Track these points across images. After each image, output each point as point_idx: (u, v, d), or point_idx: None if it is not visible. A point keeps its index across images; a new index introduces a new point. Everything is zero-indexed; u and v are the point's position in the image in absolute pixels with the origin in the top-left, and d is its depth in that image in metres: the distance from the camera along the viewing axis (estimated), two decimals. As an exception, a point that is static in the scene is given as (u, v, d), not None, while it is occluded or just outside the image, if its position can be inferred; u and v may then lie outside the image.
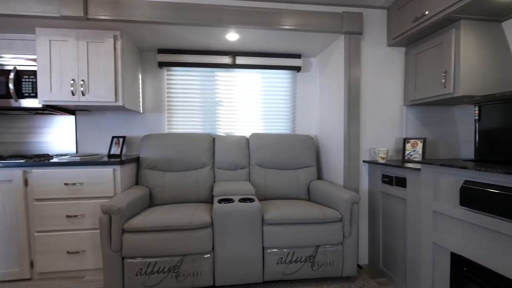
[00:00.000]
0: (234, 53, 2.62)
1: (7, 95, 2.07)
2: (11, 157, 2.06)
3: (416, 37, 2.06)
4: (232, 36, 2.26)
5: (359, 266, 2.21)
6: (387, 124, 2.29)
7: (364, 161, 2.25)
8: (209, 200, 2.32)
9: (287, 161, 2.49)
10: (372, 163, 2.17)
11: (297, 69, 2.72)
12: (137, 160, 2.34)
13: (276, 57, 2.67)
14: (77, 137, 2.52)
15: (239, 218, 1.75)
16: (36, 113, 2.37)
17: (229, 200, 1.84)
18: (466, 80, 1.73)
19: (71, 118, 2.50)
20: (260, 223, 1.79)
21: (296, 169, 2.51)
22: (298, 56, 2.72)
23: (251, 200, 1.86)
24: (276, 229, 1.81)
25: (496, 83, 1.77)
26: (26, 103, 2.10)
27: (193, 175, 2.34)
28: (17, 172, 1.85)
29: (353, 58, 2.20)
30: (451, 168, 1.44)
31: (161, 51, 2.54)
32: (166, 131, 2.67)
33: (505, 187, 1.18)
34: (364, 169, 2.27)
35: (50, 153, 2.47)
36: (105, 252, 1.65)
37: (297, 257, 1.83)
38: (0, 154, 2.35)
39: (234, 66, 2.62)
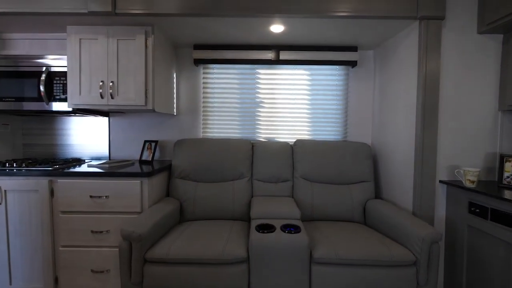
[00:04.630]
0: (277, 47, 2.25)
1: (39, 98, 1.97)
2: (43, 161, 1.97)
3: (528, 19, 1.51)
4: (276, 28, 1.91)
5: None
6: (474, 135, 1.77)
7: (440, 181, 1.76)
8: (245, 218, 2.02)
9: (338, 174, 2.08)
10: (453, 185, 1.67)
11: (352, 64, 2.27)
12: (169, 167, 2.13)
13: (326, 50, 2.25)
14: (110, 139, 2.39)
15: (282, 253, 1.41)
16: (70, 115, 2.27)
17: (270, 228, 1.51)
18: None
19: (105, 120, 2.37)
20: (308, 261, 1.43)
21: (349, 184, 2.09)
22: (354, 48, 2.26)
23: (296, 228, 1.51)
24: (328, 270, 1.43)
25: None
26: (57, 106, 1.98)
27: (228, 187, 2.06)
28: (43, 182, 1.73)
29: (431, 49, 1.71)
30: None
31: (197, 47, 2.28)
32: (201, 135, 2.42)
33: None
34: (441, 191, 1.78)
35: (84, 156, 2.37)
36: (124, 283, 1.43)
37: (354, 307, 1.45)
38: (34, 158, 2.30)
39: (277, 62, 2.26)
